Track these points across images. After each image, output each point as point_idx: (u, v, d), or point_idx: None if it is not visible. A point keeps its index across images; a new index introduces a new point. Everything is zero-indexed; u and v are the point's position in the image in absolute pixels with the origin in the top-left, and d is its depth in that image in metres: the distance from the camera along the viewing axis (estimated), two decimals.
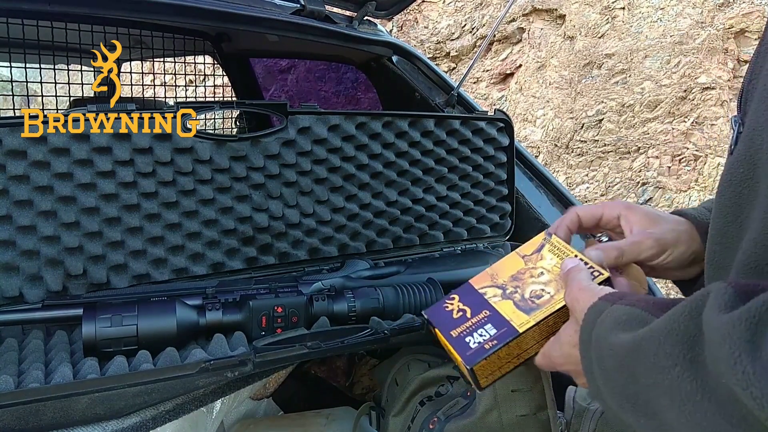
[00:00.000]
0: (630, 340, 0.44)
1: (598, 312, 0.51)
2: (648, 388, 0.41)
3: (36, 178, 0.84)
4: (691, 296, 0.41)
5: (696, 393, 0.37)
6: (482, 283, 0.71)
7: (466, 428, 0.85)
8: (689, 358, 0.38)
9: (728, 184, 0.47)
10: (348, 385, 1.46)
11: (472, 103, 1.40)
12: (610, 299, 0.51)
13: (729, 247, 0.47)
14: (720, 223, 0.48)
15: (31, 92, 1.70)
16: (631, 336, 0.44)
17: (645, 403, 0.42)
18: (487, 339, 0.63)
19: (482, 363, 0.62)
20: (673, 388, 0.38)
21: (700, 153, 3.30)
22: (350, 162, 1.10)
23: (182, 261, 0.96)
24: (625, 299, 0.50)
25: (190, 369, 0.73)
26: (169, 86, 1.92)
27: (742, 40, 3.52)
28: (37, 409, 0.66)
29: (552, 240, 0.70)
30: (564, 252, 0.67)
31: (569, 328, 0.58)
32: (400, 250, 1.20)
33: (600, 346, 0.48)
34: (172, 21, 1.36)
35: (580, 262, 0.63)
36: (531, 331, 0.62)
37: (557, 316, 0.62)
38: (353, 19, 1.36)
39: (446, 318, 0.69)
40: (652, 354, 0.40)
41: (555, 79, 3.93)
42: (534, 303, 0.64)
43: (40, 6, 0.96)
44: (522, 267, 0.70)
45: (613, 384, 0.47)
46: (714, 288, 0.38)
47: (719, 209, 0.48)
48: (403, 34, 4.64)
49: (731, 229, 0.46)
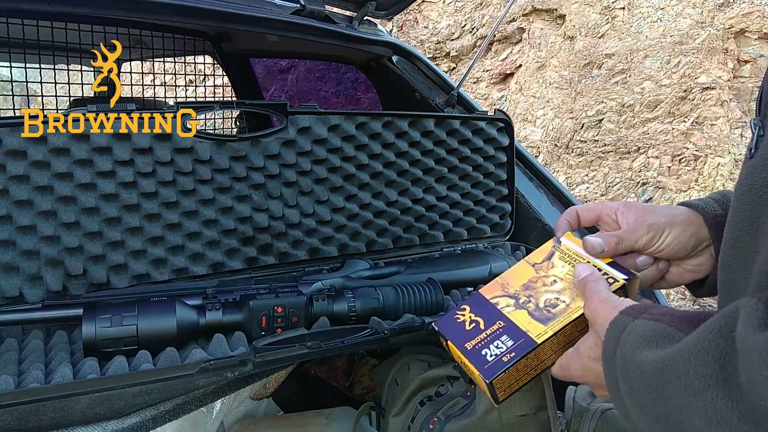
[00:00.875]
0: (658, 359, 0.43)
1: (621, 328, 0.49)
2: (680, 409, 0.40)
3: (36, 178, 0.84)
4: (720, 312, 0.40)
5: (732, 415, 0.35)
6: (493, 292, 0.69)
7: (466, 428, 0.85)
8: (722, 378, 0.37)
9: (748, 188, 0.46)
10: (348, 385, 1.46)
11: (472, 103, 1.40)
12: (631, 313, 0.50)
13: (743, 252, 0.46)
14: (736, 227, 0.47)
15: (31, 92, 1.70)
16: (660, 354, 0.43)
17: (677, 423, 0.41)
18: (505, 351, 0.61)
19: (501, 376, 0.60)
20: (708, 410, 0.37)
21: (700, 153, 3.30)
22: (350, 162, 1.10)
23: (182, 261, 0.96)
24: (647, 313, 0.49)
25: (190, 369, 0.73)
26: (169, 86, 1.92)
27: (742, 40, 3.52)
28: (37, 409, 0.66)
29: (561, 247, 0.69)
30: (575, 259, 0.66)
31: (589, 341, 0.57)
32: (400, 250, 1.20)
33: (626, 365, 0.47)
34: (172, 21, 1.35)
35: (594, 269, 0.61)
36: (549, 341, 0.61)
37: (574, 326, 0.61)
38: (353, 19, 1.36)
39: (459, 330, 0.67)
40: (683, 374, 0.39)
41: (555, 79, 3.93)
42: (550, 312, 0.62)
43: (40, 6, 0.96)
44: (533, 275, 0.68)
45: (641, 403, 0.45)
46: (744, 305, 0.37)
47: (736, 213, 0.47)
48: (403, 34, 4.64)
49: (747, 234, 0.46)
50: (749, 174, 0.46)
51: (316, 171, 1.07)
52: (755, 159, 0.46)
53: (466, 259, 1.14)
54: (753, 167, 0.46)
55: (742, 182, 0.47)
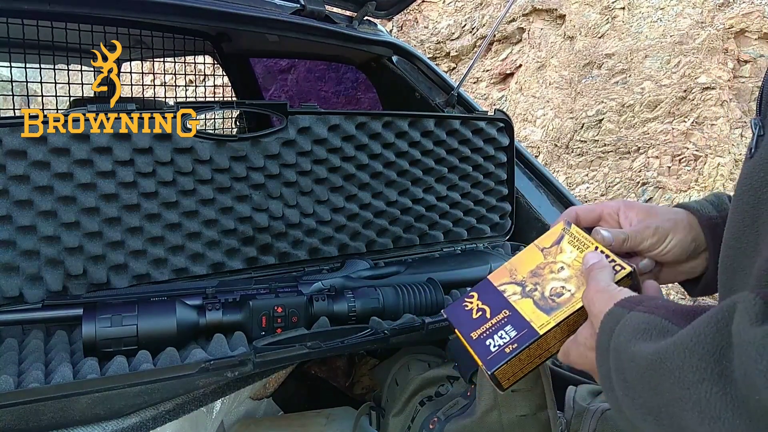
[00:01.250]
0: (652, 351, 0.42)
1: (615, 320, 0.49)
2: (673, 403, 0.40)
3: (36, 178, 0.84)
4: (717, 306, 0.40)
5: (726, 409, 0.35)
6: (501, 279, 0.69)
7: (466, 428, 0.85)
8: (717, 372, 0.36)
9: (748, 188, 0.45)
10: (348, 385, 1.46)
11: (472, 103, 1.40)
12: (626, 305, 0.50)
13: (744, 252, 0.46)
14: (736, 227, 0.47)
15: (31, 92, 1.70)
16: (654, 347, 0.42)
17: (669, 417, 0.41)
18: (508, 342, 0.61)
19: (504, 367, 0.60)
20: (701, 404, 0.37)
21: (700, 153, 3.30)
22: (350, 162, 1.10)
23: (182, 261, 0.96)
24: (642, 305, 0.48)
25: (190, 369, 0.73)
26: (169, 86, 1.92)
27: (742, 40, 3.52)
28: (37, 409, 0.66)
29: (571, 230, 0.67)
30: (584, 244, 0.65)
31: (586, 330, 0.57)
32: (400, 250, 1.20)
33: (619, 358, 0.47)
34: (172, 21, 1.36)
35: (602, 256, 0.60)
36: (552, 331, 0.60)
37: (578, 315, 0.60)
38: (353, 19, 1.36)
39: (466, 318, 0.67)
40: (677, 367, 0.39)
41: (555, 79, 3.93)
42: (554, 302, 0.62)
43: (40, 6, 0.96)
44: (541, 261, 0.67)
45: (633, 396, 0.45)
46: (741, 299, 0.37)
47: (736, 213, 0.47)
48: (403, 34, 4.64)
49: (747, 234, 0.45)
50: (749, 174, 0.46)
51: (316, 171, 1.07)
52: (755, 159, 0.46)
53: (466, 259, 1.14)
54: (753, 167, 0.46)
55: (742, 182, 0.47)
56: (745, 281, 0.45)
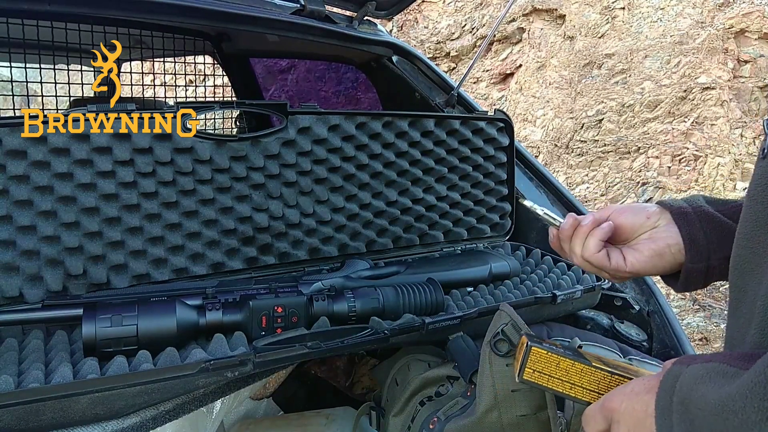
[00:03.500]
0: (718, 396, 0.42)
1: (675, 377, 0.48)
2: None
3: (36, 178, 0.84)
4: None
5: None
6: None
7: (466, 428, 0.85)
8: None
9: (763, 188, 0.45)
10: (348, 385, 1.46)
11: (472, 103, 1.40)
12: (684, 362, 0.49)
13: (756, 252, 0.46)
14: (749, 227, 0.47)
15: (31, 92, 1.70)
16: (719, 392, 0.42)
17: None
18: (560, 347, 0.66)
19: (542, 352, 0.64)
20: None
21: (700, 153, 3.30)
22: (350, 162, 1.10)
23: (182, 261, 0.96)
24: (699, 359, 0.48)
25: (190, 369, 0.73)
26: (169, 86, 1.92)
27: (742, 40, 3.52)
28: (37, 409, 0.66)
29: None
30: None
31: (642, 396, 0.54)
32: (400, 250, 1.20)
33: (686, 408, 0.45)
34: (172, 21, 1.36)
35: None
36: (596, 371, 0.63)
37: (618, 381, 0.63)
38: (353, 19, 1.36)
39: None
40: (740, 409, 0.39)
41: (555, 79, 3.93)
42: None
43: (40, 6, 0.96)
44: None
45: None
46: None
47: (749, 213, 0.47)
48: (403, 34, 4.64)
49: (760, 234, 0.45)
50: (762, 174, 0.46)
51: (316, 171, 1.07)
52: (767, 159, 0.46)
53: (466, 259, 1.14)
54: (766, 167, 0.45)
55: (755, 183, 0.47)
56: (757, 281, 0.45)
